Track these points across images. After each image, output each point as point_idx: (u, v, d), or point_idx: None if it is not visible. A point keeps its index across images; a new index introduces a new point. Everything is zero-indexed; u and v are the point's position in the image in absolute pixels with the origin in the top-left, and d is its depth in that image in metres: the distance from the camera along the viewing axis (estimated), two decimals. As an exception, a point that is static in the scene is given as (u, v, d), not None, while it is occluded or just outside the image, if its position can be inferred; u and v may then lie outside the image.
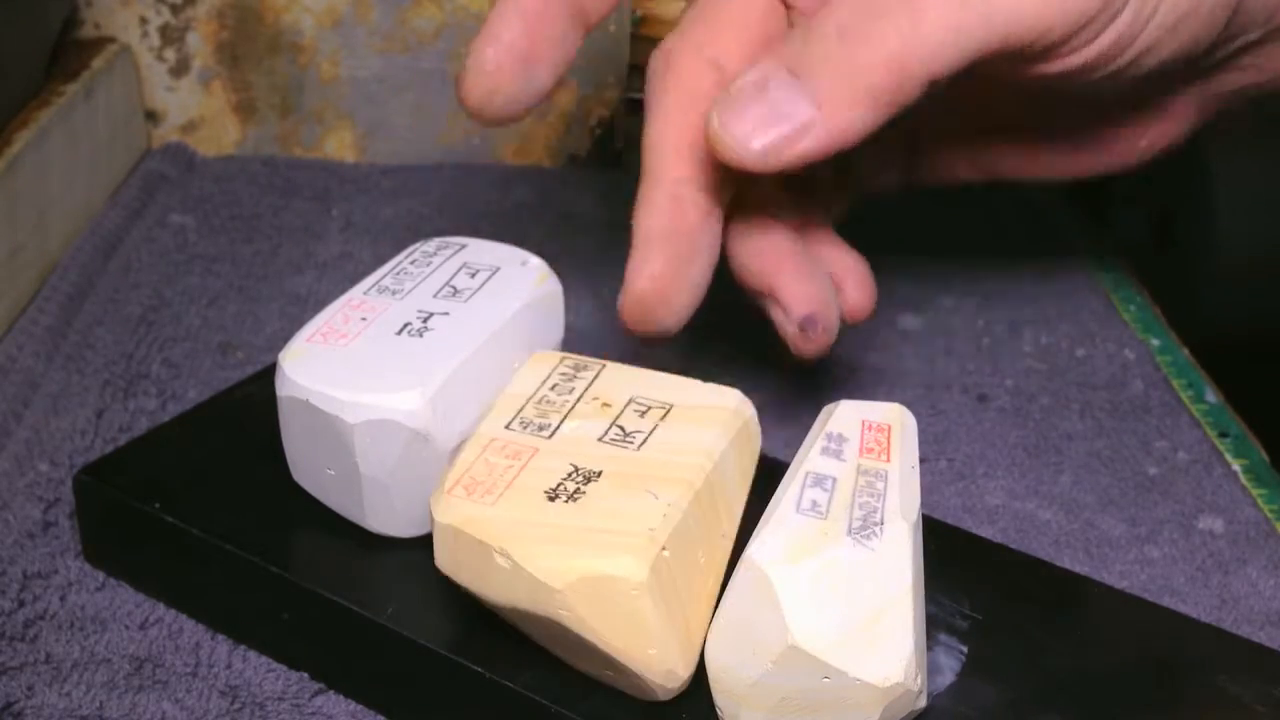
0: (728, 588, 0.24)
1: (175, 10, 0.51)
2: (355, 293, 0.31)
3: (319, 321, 0.30)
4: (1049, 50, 0.31)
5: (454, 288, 0.31)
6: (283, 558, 0.29)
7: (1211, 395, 0.40)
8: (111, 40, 0.51)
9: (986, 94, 0.37)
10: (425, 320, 0.30)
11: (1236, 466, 0.37)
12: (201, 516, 0.29)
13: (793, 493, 0.25)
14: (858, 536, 0.24)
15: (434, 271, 0.32)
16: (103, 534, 0.31)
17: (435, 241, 0.33)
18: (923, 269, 0.45)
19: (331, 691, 0.28)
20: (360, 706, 0.28)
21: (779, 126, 0.30)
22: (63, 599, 0.30)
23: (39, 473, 0.34)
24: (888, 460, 0.26)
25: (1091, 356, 0.42)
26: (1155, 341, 0.43)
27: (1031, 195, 0.52)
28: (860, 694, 0.23)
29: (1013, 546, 0.31)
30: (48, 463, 0.35)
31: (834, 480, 0.26)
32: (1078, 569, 0.32)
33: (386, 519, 0.29)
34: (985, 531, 0.34)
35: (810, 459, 0.26)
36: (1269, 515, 0.35)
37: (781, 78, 0.30)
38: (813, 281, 0.34)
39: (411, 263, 0.32)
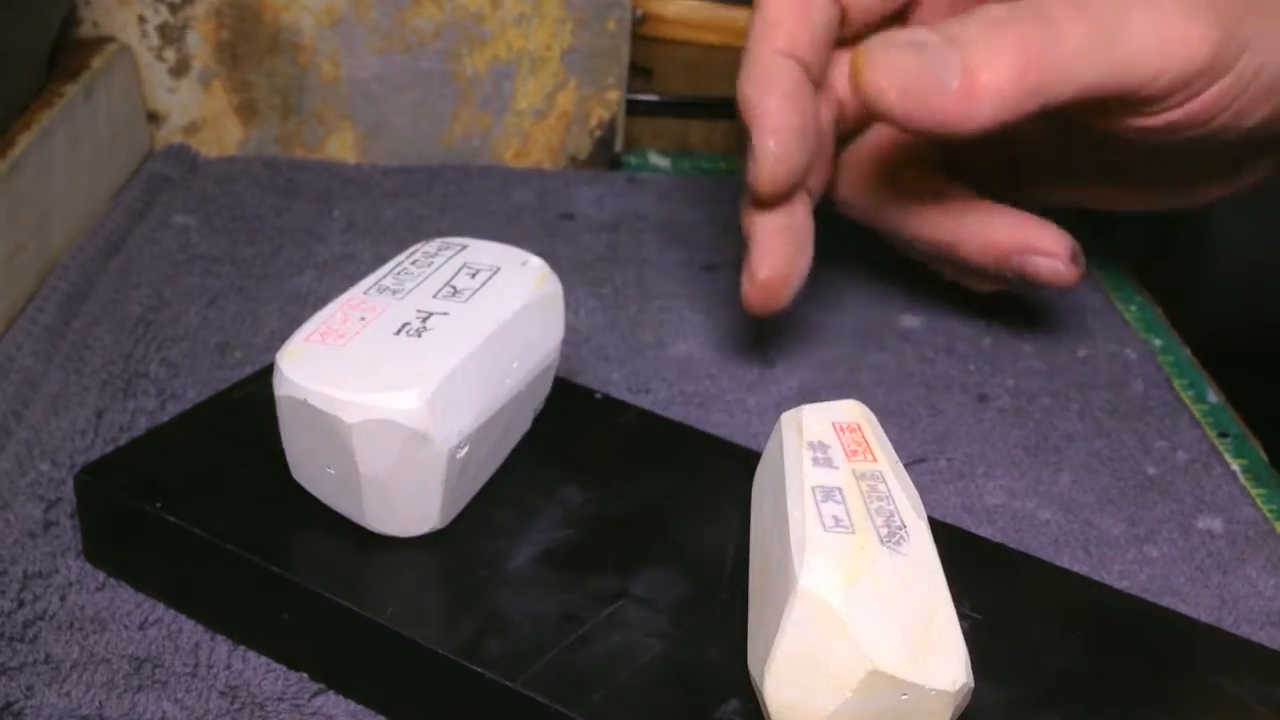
0: (784, 621, 0.24)
1: (173, 9, 0.51)
2: (355, 292, 0.31)
3: (317, 321, 0.30)
4: (1153, 100, 0.34)
5: (454, 288, 0.31)
6: (283, 558, 0.29)
7: (1212, 395, 0.40)
8: (111, 39, 0.51)
9: (1092, 149, 0.41)
10: (424, 320, 0.30)
11: (1236, 466, 0.37)
12: (201, 516, 0.29)
13: (810, 511, 0.25)
14: (890, 545, 0.24)
15: (434, 271, 0.32)
16: (103, 534, 0.31)
17: (436, 242, 0.33)
18: (923, 269, 0.45)
19: (331, 691, 0.28)
20: (360, 706, 0.28)
21: (921, 84, 0.33)
22: (63, 599, 0.30)
23: (39, 473, 0.34)
24: (874, 460, 0.26)
25: (1091, 356, 0.42)
26: (1156, 341, 0.43)
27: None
28: (935, 703, 0.23)
29: (1013, 546, 0.31)
30: (48, 463, 0.35)
31: (840, 490, 0.25)
32: (1078, 569, 0.32)
33: (386, 518, 0.29)
34: (985, 531, 0.34)
35: (806, 472, 0.26)
36: (1268, 515, 0.35)
37: (938, 43, 0.33)
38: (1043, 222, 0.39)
39: (412, 263, 0.32)
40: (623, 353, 0.41)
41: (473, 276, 0.32)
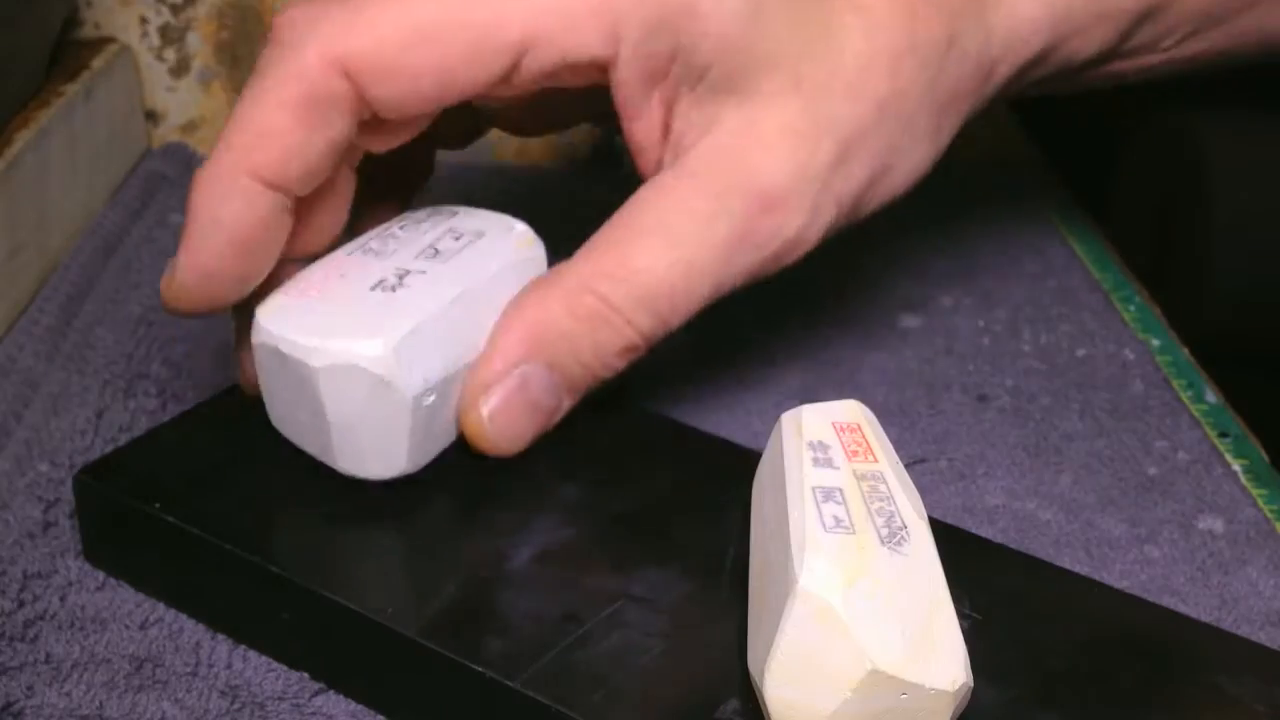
0: (784, 621, 0.24)
1: (175, 10, 0.51)
2: (339, 253, 0.31)
3: (298, 279, 0.30)
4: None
5: (436, 249, 0.31)
6: (283, 558, 0.29)
7: (1211, 395, 0.40)
8: (111, 40, 0.51)
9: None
10: (401, 278, 0.30)
11: (1236, 467, 0.37)
12: (201, 516, 0.29)
13: (810, 511, 0.25)
14: (891, 545, 0.24)
15: (420, 236, 0.32)
16: (103, 534, 0.31)
17: (427, 209, 0.33)
18: (922, 268, 0.45)
19: (331, 691, 0.28)
20: (360, 706, 0.28)
21: (539, 418, 0.32)
22: (63, 599, 0.30)
23: (39, 473, 0.34)
24: (875, 460, 0.26)
25: (1091, 356, 0.42)
26: (1155, 341, 0.43)
27: (1032, 196, 0.52)
28: (935, 702, 0.23)
29: (1013, 546, 0.31)
30: (48, 463, 0.35)
31: (841, 491, 0.26)
32: (1078, 569, 0.32)
33: (355, 462, 0.30)
34: (985, 531, 0.34)
35: (807, 472, 0.26)
36: (1269, 515, 0.35)
37: (541, 376, 0.32)
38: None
39: (400, 228, 0.33)
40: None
41: (456, 239, 0.32)
